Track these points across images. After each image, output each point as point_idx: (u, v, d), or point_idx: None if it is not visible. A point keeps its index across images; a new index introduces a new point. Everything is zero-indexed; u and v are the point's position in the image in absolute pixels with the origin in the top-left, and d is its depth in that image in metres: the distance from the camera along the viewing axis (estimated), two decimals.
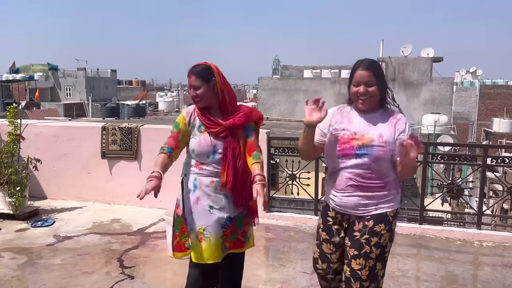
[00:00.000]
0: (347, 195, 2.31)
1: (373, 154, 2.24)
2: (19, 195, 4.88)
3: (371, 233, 2.29)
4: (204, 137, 2.46)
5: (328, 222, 2.44)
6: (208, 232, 2.46)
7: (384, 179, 2.30)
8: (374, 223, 2.30)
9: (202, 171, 2.48)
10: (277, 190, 5.50)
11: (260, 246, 4.36)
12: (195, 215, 2.48)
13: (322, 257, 2.47)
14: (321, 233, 2.47)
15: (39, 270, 3.70)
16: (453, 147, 12.99)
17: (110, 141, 5.49)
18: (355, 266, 2.30)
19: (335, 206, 2.39)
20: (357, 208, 2.31)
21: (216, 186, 2.48)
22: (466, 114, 32.08)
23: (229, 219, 2.52)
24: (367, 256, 2.29)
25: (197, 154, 2.48)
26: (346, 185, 2.30)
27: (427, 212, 5.02)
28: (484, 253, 4.24)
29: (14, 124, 5.12)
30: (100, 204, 5.55)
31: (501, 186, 5.07)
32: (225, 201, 2.50)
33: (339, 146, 2.31)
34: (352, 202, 2.31)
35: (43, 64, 42.37)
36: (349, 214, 2.35)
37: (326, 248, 2.45)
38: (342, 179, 2.32)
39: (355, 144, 2.27)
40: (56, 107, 33.09)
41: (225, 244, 2.53)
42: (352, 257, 2.31)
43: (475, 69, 37.51)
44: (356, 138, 2.28)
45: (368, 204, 2.30)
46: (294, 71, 29.38)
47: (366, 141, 2.25)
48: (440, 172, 6.37)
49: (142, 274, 3.62)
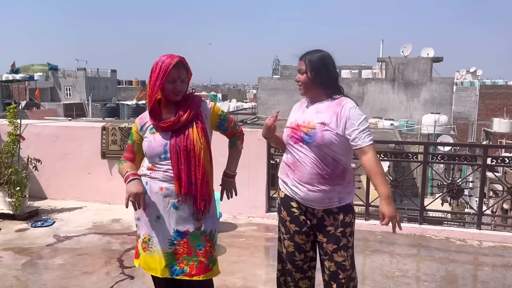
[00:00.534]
0: (311, 188, 2.34)
1: (316, 140, 2.29)
2: (19, 195, 4.88)
3: (344, 225, 2.38)
4: (155, 137, 2.26)
5: (294, 213, 2.46)
6: (152, 243, 2.28)
7: (339, 168, 2.34)
8: (344, 215, 2.38)
9: (154, 175, 2.26)
10: (277, 190, 5.50)
11: (260, 246, 4.36)
12: (142, 222, 2.31)
13: (298, 249, 2.48)
14: (290, 226, 2.47)
15: (39, 270, 3.71)
16: (453, 147, 12.99)
17: (110, 141, 5.49)
18: (339, 259, 2.38)
19: (299, 199, 2.41)
20: (322, 202, 2.36)
21: (166, 194, 2.24)
22: (466, 114, 32.09)
23: (178, 234, 2.25)
24: (346, 247, 2.39)
25: (149, 156, 2.29)
26: (307, 177, 2.34)
27: (427, 212, 5.02)
28: (484, 253, 4.24)
29: (14, 124, 5.12)
30: (100, 204, 5.55)
31: (501, 186, 5.07)
32: (178, 212, 2.24)
33: (290, 134, 2.43)
34: (318, 197, 2.35)
35: (43, 64, 42.37)
36: (314, 207, 2.40)
37: (299, 239, 2.47)
38: (303, 169, 2.35)
39: (303, 130, 2.36)
40: (56, 107, 33.06)
41: (181, 267, 2.25)
42: (333, 252, 2.39)
43: (475, 69, 37.56)
44: (303, 125, 2.38)
45: (332, 196, 2.35)
46: (294, 71, 29.27)
47: (310, 127, 2.34)
48: (440, 172, 6.37)
49: (142, 274, 3.61)
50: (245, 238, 4.48)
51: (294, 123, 2.44)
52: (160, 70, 2.19)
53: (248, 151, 5.21)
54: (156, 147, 2.24)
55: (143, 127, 2.33)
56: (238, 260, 3.90)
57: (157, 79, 2.19)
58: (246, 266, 3.79)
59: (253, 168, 5.03)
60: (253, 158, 5.04)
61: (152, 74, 2.22)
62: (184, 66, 2.25)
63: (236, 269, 3.70)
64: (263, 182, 5.11)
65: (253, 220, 5.04)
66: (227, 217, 5.01)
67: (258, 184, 5.10)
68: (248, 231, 4.68)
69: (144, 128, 2.32)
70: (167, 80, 2.19)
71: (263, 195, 5.12)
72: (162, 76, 2.18)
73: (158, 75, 2.19)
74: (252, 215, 5.12)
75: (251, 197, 5.05)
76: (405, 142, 16.46)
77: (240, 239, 4.42)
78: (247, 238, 4.49)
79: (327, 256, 2.42)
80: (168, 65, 2.19)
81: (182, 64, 2.24)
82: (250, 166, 5.09)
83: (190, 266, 2.25)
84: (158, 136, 2.25)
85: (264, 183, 5.11)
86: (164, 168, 2.24)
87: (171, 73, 2.19)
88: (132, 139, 2.37)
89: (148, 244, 2.29)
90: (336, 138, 2.29)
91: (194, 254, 2.26)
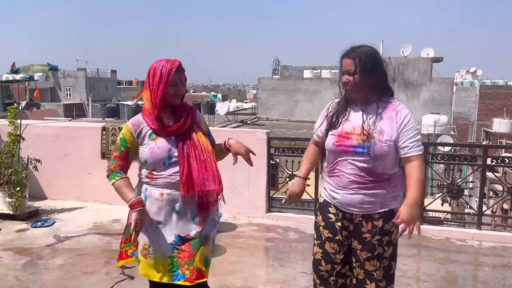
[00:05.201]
0: (351, 193, 2.19)
1: (374, 152, 2.12)
2: (19, 195, 4.88)
3: (382, 232, 2.20)
4: (156, 143, 2.21)
5: (330, 219, 2.30)
6: (153, 249, 2.24)
7: (388, 175, 2.19)
8: (384, 222, 2.20)
9: (154, 182, 2.23)
10: (277, 190, 5.50)
11: (260, 246, 4.36)
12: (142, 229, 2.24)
13: (325, 258, 2.30)
14: (322, 231, 2.31)
15: (39, 270, 3.70)
16: (453, 147, 12.98)
17: (110, 141, 5.49)
18: (370, 268, 2.24)
19: (337, 204, 2.27)
20: (362, 206, 2.20)
21: (168, 200, 2.21)
22: (466, 114, 32.08)
23: (179, 239, 2.23)
24: (380, 256, 2.23)
25: (151, 164, 2.21)
26: (348, 182, 2.19)
27: (427, 212, 5.02)
28: (484, 253, 4.24)
29: (14, 125, 5.13)
30: (100, 204, 5.55)
31: (501, 186, 5.07)
32: (179, 217, 2.23)
33: (337, 142, 2.22)
34: (356, 200, 2.19)
35: (43, 64, 42.33)
36: (352, 213, 2.23)
37: (329, 248, 2.29)
38: (343, 176, 2.21)
39: (355, 140, 2.16)
40: (56, 108, 33.05)
41: (183, 271, 2.23)
42: (365, 260, 2.23)
43: (475, 69, 37.53)
44: (355, 133, 2.17)
45: (374, 202, 2.19)
46: (294, 71, 29.37)
47: (365, 137, 2.13)
48: (440, 172, 6.36)
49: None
50: (245, 238, 4.48)
51: (340, 130, 2.22)
52: (162, 75, 2.18)
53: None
54: (160, 154, 2.20)
55: (139, 133, 2.24)
56: (238, 260, 3.90)
57: (159, 83, 2.18)
58: (246, 266, 3.79)
59: (253, 168, 5.00)
60: (253, 158, 5.05)
61: (152, 78, 2.21)
62: (183, 69, 2.27)
63: (236, 269, 3.70)
64: (263, 182, 5.10)
65: (253, 220, 5.04)
66: (227, 217, 5.01)
67: (258, 184, 5.10)
68: (248, 231, 4.68)
69: (142, 135, 2.24)
70: (169, 84, 2.19)
71: (263, 195, 5.12)
72: (166, 80, 2.18)
73: (161, 80, 2.18)
74: (252, 215, 5.12)
75: (251, 197, 5.05)
76: None
77: (240, 239, 4.42)
78: (247, 238, 4.49)
79: (358, 263, 2.26)
80: (170, 69, 2.19)
81: (182, 68, 2.25)
82: (250, 166, 5.10)
83: (190, 271, 2.24)
84: (160, 142, 2.21)
85: (264, 183, 5.11)
86: (166, 174, 2.21)
87: (174, 77, 2.19)
88: (126, 146, 2.26)
89: (148, 250, 2.26)
90: (392, 149, 2.14)
91: (194, 258, 2.25)
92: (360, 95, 2.18)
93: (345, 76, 2.18)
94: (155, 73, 2.21)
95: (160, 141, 2.22)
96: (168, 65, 2.20)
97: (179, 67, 2.23)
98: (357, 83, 2.15)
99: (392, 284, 2.31)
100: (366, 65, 2.12)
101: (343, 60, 2.19)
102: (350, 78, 2.15)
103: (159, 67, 2.21)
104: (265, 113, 25.47)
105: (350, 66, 2.15)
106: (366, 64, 2.13)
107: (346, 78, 2.17)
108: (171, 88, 2.20)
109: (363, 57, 2.13)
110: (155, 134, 2.23)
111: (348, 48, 2.20)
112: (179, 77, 2.23)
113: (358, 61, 2.13)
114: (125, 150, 2.26)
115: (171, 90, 2.21)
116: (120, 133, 2.30)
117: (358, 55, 2.14)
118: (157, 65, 2.22)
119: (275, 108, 25.74)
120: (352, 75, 2.15)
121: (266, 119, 24.42)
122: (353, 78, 2.15)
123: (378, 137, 2.12)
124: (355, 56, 2.14)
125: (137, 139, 2.25)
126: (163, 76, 2.18)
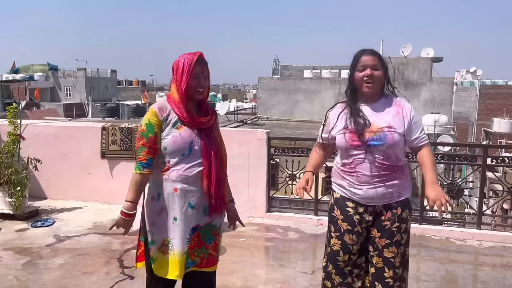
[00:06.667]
0: (372, 186, 2.34)
1: (386, 141, 2.29)
2: (19, 195, 4.88)
3: (400, 220, 2.37)
4: (180, 133, 2.19)
5: (348, 212, 2.43)
6: (172, 245, 2.23)
7: (400, 165, 2.38)
8: (402, 210, 2.38)
9: (167, 176, 2.21)
10: (277, 190, 5.51)
11: (260, 246, 4.36)
12: (158, 227, 2.25)
13: (344, 248, 2.43)
14: (341, 224, 2.44)
15: (39, 270, 3.70)
16: (453, 147, 12.97)
17: (110, 141, 5.49)
18: (388, 255, 2.36)
19: (359, 199, 2.38)
20: (384, 198, 2.36)
21: (182, 195, 2.21)
22: (466, 114, 32.08)
23: (192, 231, 2.26)
24: (398, 243, 2.36)
25: (170, 152, 2.19)
26: (368, 177, 2.33)
27: (427, 212, 5.02)
28: (484, 253, 4.24)
29: (14, 124, 5.13)
30: (100, 204, 5.55)
31: (501, 186, 5.07)
32: (194, 211, 2.25)
33: (351, 140, 2.34)
34: (379, 193, 2.34)
35: (43, 64, 42.35)
36: (374, 205, 2.37)
37: (348, 239, 2.42)
38: (363, 171, 2.34)
39: (368, 135, 2.31)
40: (56, 107, 33.07)
41: (193, 259, 2.28)
42: (384, 247, 2.36)
43: (475, 69, 37.52)
44: (366, 129, 2.32)
45: (392, 192, 2.36)
46: (294, 71, 29.36)
47: (377, 130, 2.31)
48: (440, 172, 6.37)
49: (142, 274, 3.59)
50: (245, 238, 4.48)
51: (352, 127, 2.36)
52: (184, 66, 2.21)
53: (248, 151, 5.25)
54: (182, 144, 2.18)
55: (166, 118, 2.20)
56: (238, 260, 3.90)
57: (182, 74, 2.20)
58: (246, 266, 3.80)
59: (253, 168, 5.04)
60: (253, 158, 5.05)
61: (176, 72, 2.23)
62: (205, 62, 2.28)
63: (236, 269, 3.70)
64: (263, 182, 5.10)
65: (253, 220, 5.04)
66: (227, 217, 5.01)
67: (258, 184, 5.10)
68: (248, 231, 4.68)
69: (167, 121, 2.21)
70: (191, 76, 2.20)
71: (263, 195, 5.12)
72: (187, 71, 2.19)
73: (183, 71, 2.20)
74: (252, 215, 5.12)
75: (251, 197, 5.05)
76: None
77: (240, 239, 4.42)
78: (247, 238, 4.49)
79: (376, 251, 2.39)
80: (191, 60, 2.21)
81: (204, 60, 2.26)
82: (250, 166, 5.10)
83: (200, 258, 2.30)
84: (184, 132, 2.20)
85: (264, 183, 5.11)
86: (182, 168, 2.20)
87: (195, 68, 2.20)
88: (154, 131, 2.18)
89: (168, 247, 2.23)
90: (401, 139, 2.34)
91: (204, 247, 2.31)
92: (374, 90, 2.37)
93: (369, 70, 2.33)
94: (178, 66, 2.23)
95: (183, 130, 2.20)
96: (190, 57, 2.23)
97: (200, 58, 2.23)
98: (379, 78, 2.35)
99: (407, 270, 2.44)
100: (384, 63, 2.37)
101: (365, 57, 2.34)
102: (376, 72, 2.33)
103: (182, 59, 2.23)
104: (265, 113, 25.45)
105: (374, 61, 2.34)
106: (384, 62, 2.37)
107: (371, 71, 2.32)
108: (193, 80, 2.20)
109: (379, 55, 2.37)
110: (180, 122, 2.21)
111: (365, 49, 2.38)
112: (201, 69, 2.23)
113: (379, 58, 2.35)
114: (153, 136, 2.19)
115: (193, 82, 2.21)
116: (143, 119, 2.24)
117: (378, 54, 2.37)
118: (180, 58, 2.26)
119: (275, 108, 25.72)
120: (377, 70, 2.34)
121: (266, 119, 24.40)
122: (378, 72, 2.34)
123: (388, 129, 2.31)
124: (377, 55, 2.36)
125: (163, 124, 2.21)
126: (185, 67, 2.20)
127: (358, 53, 2.37)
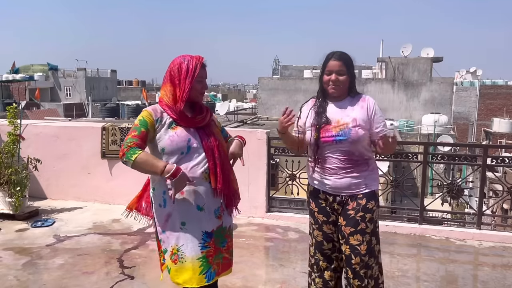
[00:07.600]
0: (340, 177, 2.49)
1: (351, 136, 2.44)
2: (19, 195, 4.88)
3: (365, 210, 2.49)
4: (176, 132, 2.20)
5: (321, 204, 2.59)
6: (182, 252, 2.19)
7: (365, 158, 2.52)
8: (367, 201, 2.50)
9: None
10: (277, 190, 5.51)
11: (260, 246, 4.36)
12: (167, 234, 2.22)
13: (326, 238, 2.60)
14: (318, 216, 2.61)
15: (39, 270, 3.70)
16: (453, 147, 13.00)
17: (110, 141, 5.49)
18: (354, 242, 2.47)
19: (328, 189, 2.53)
20: (350, 188, 2.50)
21: (187, 197, 2.19)
22: (466, 114, 32.10)
23: (207, 235, 2.23)
24: (363, 231, 2.47)
25: (168, 152, 2.18)
26: (336, 168, 2.49)
27: (427, 212, 5.02)
28: (484, 253, 4.24)
29: (14, 124, 5.12)
30: (100, 204, 5.55)
31: (501, 186, 5.07)
32: (202, 213, 2.22)
33: (320, 135, 2.48)
34: (345, 183, 2.49)
35: (43, 64, 42.33)
36: (342, 194, 2.52)
37: (327, 229, 2.59)
38: (331, 164, 2.50)
39: (334, 130, 2.46)
40: (56, 107, 33.05)
41: (214, 268, 2.24)
42: (349, 234, 2.48)
43: (475, 69, 37.56)
44: (333, 125, 2.47)
45: (359, 183, 2.50)
46: (294, 71, 29.39)
47: (342, 126, 2.46)
48: (440, 172, 6.38)
49: (142, 274, 3.62)
50: (245, 238, 4.48)
51: (320, 123, 2.50)
52: (189, 69, 2.21)
53: (248, 151, 5.21)
54: (180, 142, 2.19)
55: (160, 119, 2.21)
56: (238, 260, 3.89)
57: (186, 77, 2.20)
58: (246, 266, 3.79)
59: (253, 168, 5.03)
60: (253, 158, 5.04)
61: (179, 73, 2.21)
62: (205, 66, 2.31)
63: (236, 269, 3.67)
64: (263, 182, 5.11)
65: (253, 220, 5.04)
66: None
67: (258, 184, 5.10)
68: (248, 231, 4.68)
69: (162, 122, 2.21)
70: (196, 80, 2.22)
71: (263, 195, 5.12)
72: (192, 75, 2.20)
73: (188, 74, 2.20)
74: (252, 215, 5.12)
75: (251, 197, 5.05)
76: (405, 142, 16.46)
77: (240, 239, 4.42)
78: (247, 238, 4.49)
79: (343, 239, 2.51)
80: (196, 64, 2.22)
81: (205, 64, 2.29)
82: (250, 166, 5.08)
83: (217, 265, 2.27)
84: (180, 132, 2.21)
85: (264, 183, 5.11)
86: (184, 168, 2.15)
87: (200, 72, 2.23)
88: (147, 127, 2.18)
89: (177, 255, 2.20)
90: (366, 133, 2.48)
91: (219, 252, 2.29)
92: (340, 92, 2.52)
93: (334, 75, 2.47)
94: (180, 68, 2.21)
95: (180, 130, 2.21)
96: (194, 60, 2.23)
97: (203, 63, 2.28)
98: (344, 82, 2.49)
99: (375, 259, 2.52)
100: (349, 68, 2.50)
101: (332, 62, 2.48)
102: (341, 77, 2.48)
103: (185, 62, 2.22)
104: (265, 113, 25.47)
105: (340, 67, 2.47)
106: (349, 67, 2.50)
107: (336, 77, 2.47)
108: (198, 84, 2.24)
109: (347, 60, 2.50)
110: (175, 123, 2.22)
111: (334, 52, 2.51)
112: (205, 73, 2.29)
113: (345, 63, 2.48)
114: (145, 131, 2.18)
115: (198, 85, 2.24)
116: (138, 117, 2.24)
117: (344, 58, 2.49)
118: (182, 59, 2.23)
119: (275, 108, 25.73)
120: (341, 76, 2.48)
121: (266, 119, 24.40)
122: (342, 77, 2.48)
123: (352, 124, 2.45)
124: (344, 59, 2.48)
125: (156, 124, 2.21)
126: (189, 70, 2.21)
127: (328, 56, 2.51)
